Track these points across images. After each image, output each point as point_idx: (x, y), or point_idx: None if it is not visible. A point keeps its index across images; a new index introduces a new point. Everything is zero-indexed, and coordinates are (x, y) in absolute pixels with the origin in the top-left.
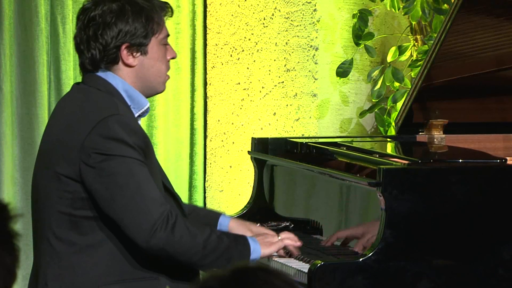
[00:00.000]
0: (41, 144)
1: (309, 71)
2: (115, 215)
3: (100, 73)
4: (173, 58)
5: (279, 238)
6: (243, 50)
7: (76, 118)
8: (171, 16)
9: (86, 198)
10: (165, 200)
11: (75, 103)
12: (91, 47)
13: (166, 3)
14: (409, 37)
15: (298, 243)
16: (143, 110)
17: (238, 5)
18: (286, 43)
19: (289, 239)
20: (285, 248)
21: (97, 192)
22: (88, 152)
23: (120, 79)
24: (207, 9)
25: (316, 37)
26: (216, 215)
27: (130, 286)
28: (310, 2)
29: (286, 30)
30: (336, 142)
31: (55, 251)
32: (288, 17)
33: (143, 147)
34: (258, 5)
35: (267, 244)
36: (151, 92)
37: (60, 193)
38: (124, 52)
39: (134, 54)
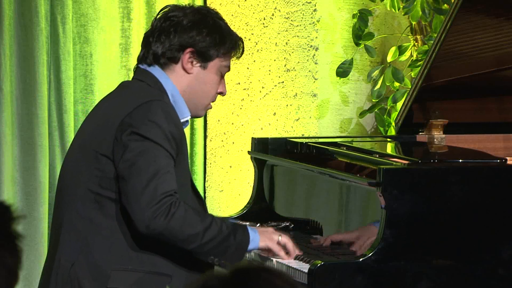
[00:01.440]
0: (80, 130)
1: (309, 71)
2: (124, 194)
3: (153, 71)
4: (221, 93)
5: (280, 237)
6: None
7: (122, 101)
8: (238, 58)
9: (115, 178)
10: (177, 193)
11: (122, 91)
12: (159, 40)
13: (243, 42)
14: (409, 37)
15: (296, 252)
16: (183, 120)
17: (238, 5)
18: (286, 43)
19: (289, 244)
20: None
21: (118, 168)
22: (124, 128)
23: (171, 82)
24: None
25: (316, 37)
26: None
27: (141, 277)
28: (310, 2)
29: (286, 30)
30: (336, 142)
31: (75, 228)
32: (288, 17)
33: (177, 140)
34: (258, 5)
35: (267, 236)
36: (191, 110)
37: (91, 171)
38: (186, 56)
39: (194, 62)
